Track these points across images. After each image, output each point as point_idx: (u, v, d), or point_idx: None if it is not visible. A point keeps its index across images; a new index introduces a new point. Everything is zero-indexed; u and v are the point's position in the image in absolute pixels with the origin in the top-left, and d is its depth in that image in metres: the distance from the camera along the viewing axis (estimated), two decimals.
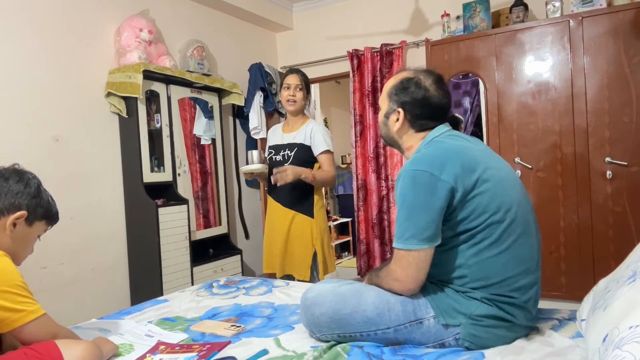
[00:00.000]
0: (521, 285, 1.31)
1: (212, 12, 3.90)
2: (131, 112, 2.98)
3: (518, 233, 1.31)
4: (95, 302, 2.85)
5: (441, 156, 1.32)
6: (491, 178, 1.30)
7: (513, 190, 1.35)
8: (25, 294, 1.24)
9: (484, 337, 1.30)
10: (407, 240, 1.28)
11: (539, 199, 3.15)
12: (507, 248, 1.30)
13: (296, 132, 2.53)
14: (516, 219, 1.31)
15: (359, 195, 4.10)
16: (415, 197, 1.28)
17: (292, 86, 2.49)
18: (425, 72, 1.48)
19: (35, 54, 2.64)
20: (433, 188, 1.26)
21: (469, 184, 1.27)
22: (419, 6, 3.92)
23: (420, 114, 1.45)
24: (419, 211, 1.27)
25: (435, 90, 1.44)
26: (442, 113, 1.46)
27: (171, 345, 1.47)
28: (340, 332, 1.41)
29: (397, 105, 1.47)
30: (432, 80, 1.45)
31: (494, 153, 1.46)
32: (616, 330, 0.93)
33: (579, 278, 3.04)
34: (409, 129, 1.48)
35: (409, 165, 1.33)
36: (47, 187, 1.26)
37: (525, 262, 1.32)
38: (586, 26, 2.99)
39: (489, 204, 1.28)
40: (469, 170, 1.29)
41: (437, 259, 1.32)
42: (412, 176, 1.30)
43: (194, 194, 3.42)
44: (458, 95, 4.08)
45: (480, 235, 1.29)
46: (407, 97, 1.45)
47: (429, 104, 1.44)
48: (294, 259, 2.49)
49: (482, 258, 1.29)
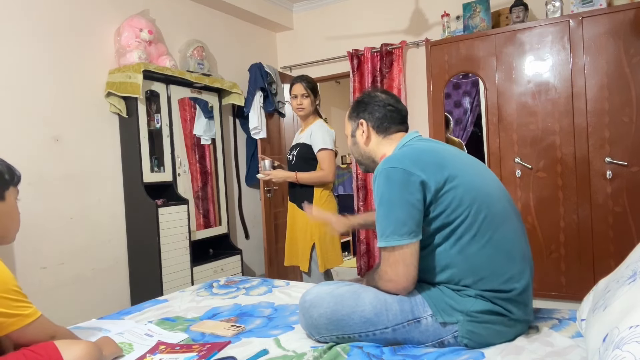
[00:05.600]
0: (510, 276, 1.32)
1: (212, 12, 3.90)
2: (131, 112, 2.98)
3: (497, 224, 1.34)
4: (95, 302, 2.85)
5: (412, 154, 1.38)
6: (462, 173, 1.35)
7: (486, 183, 1.39)
8: (20, 298, 1.22)
9: (483, 334, 1.31)
10: (389, 237, 1.30)
11: (539, 199, 3.15)
12: (489, 240, 1.32)
13: (303, 133, 2.71)
14: (493, 210, 1.34)
15: (359, 195, 4.10)
16: (391, 194, 1.31)
17: (298, 95, 2.67)
18: (373, 89, 1.68)
19: (35, 54, 2.64)
20: (406, 183, 1.30)
21: (441, 179, 1.31)
22: (419, 6, 3.93)
23: (380, 117, 1.55)
24: (397, 207, 1.30)
25: (385, 96, 1.57)
26: (401, 115, 1.57)
27: (171, 345, 1.47)
28: (339, 333, 1.41)
29: (357, 119, 1.59)
30: (380, 91, 1.60)
31: (466, 153, 1.53)
32: (616, 330, 0.93)
33: (579, 278, 3.04)
34: (376, 136, 1.57)
35: (382, 165, 1.38)
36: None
37: (509, 251, 1.34)
38: (586, 26, 2.99)
39: (462, 197, 1.31)
40: (439, 166, 1.34)
41: (424, 263, 1.34)
42: (385, 174, 1.34)
43: (194, 194, 3.42)
44: (458, 95, 4.08)
45: (460, 230, 1.31)
46: (364, 107, 1.58)
47: (385, 106, 1.55)
48: (297, 250, 2.69)
49: (467, 254, 1.31)
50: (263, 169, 2.67)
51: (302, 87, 2.65)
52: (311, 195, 2.61)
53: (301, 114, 2.70)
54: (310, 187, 2.62)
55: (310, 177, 2.59)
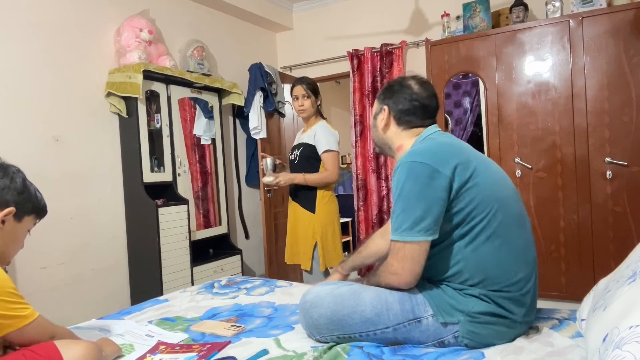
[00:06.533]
0: (518, 278, 1.32)
1: (212, 12, 3.90)
2: (131, 112, 2.98)
3: (513, 226, 1.33)
4: (95, 302, 2.85)
5: (437, 149, 1.35)
6: (485, 172, 1.34)
7: (504, 185, 1.39)
8: (16, 300, 1.21)
9: (483, 334, 1.31)
10: (404, 232, 1.29)
11: (539, 199, 3.15)
12: (504, 242, 1.31)
13: (306, 133, 2.73)
14: (511, 212, 1.34)
15: (359, 195, 4.10)
16: (412, 189, 1.29)
17: (299, 97, 2.69)
18: (414, 76, 1.55)
19: (35, 54, 2.64)
20: (430, 179, 1.28)
21: (465, 176, 1.30)
22: (419, 6, 3.92)
23: (404, 110, 1.49)
24: (416, 202, 1.28)
25: (418, 89, 1.49)
26: (427, 112, 1.50)
27: (171, 345, 1.47)
28: (339, 333, 1.41)
29: (382, 104, 1.54)
30: (416, 81, 1.51)
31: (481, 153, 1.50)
32: (616, 330, 0.93)
33: (579, 278, 3.04)
34: (395, 127, 1.53)
35: (405, 157, 1.35)
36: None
37: (521, 254, 1.34)
38: (586, 26, 2.99)
39: (484, 196, 1.30)
40: (465, 163, 1.31)
41: (436, 257, 1.33)
42: (409, 167, 1.31)
43: (194, 194, 3.42)
44: (458, 95, 4.08)
45: (477, 229, 1.30)
46: (391, 95, 1.52)
47: (412, 100, 1.48)
48: (299, 249, 2.72)
49: (480, 253, 1.30)
50: (265, 167, 2.68)
51: (303, 88, 2.67)
52: (314, 196, 2.64)
53: (303, 115, 2.72)
54: (313, 188, 2.64)
55: (318, 179, 2.61)
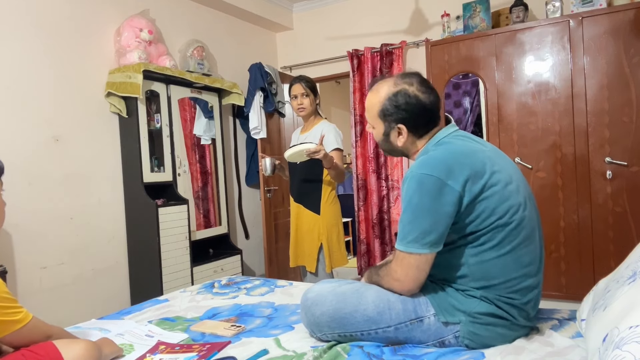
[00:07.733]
0: (522, 287, 1.31)
1: (212, 12, 3.90)
2: (131, 112, 2.98)
3: (522, 237, 1.30)
4: (95, 302, 2.85)
5: (449, 160, 1.29)
6: (498, 182, 1.29)
7: (519, 192, 1.33)
8: (10, 304, 1.20)
9: (484, 335, 1.30)
10: (410, 244, 1.28)
11: (539, 199, 3.14)
12: (510, 251, 1.29)
13: (309, 132, 2.71)
14: (522, 222, 1.30)
15: (359, 195, 4.10)
16: (420, 201, 1.27)
17: (298, 95, 2.66)
18: (405, 77, 1.43)
19: (35, 54, 2.64)
20: (439, 193, 1.25)
21: (477, 189, 1.26)
22: (419, 6, 3.92)
23: (420, 123, 1.42)
24: (423, 216, 1.26)
25: (423, 94, 1.39)
26: (437, 113, 1.44)
27: (171, 345, 1.47)
28: (341, 331, 1.41)
29: (395, 122, 1.42)
30: (417, 85, 1.40)
31: (501, 152, 1.43)
32: (616, 330, 0.93)
33: (579, 278, 3.04)
34: (413, 139, 1.45)
35: (416, 168, 1.31)
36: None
37: (526, 265, 1.32)
38: (586, 26, 2.99)
39: (496, 207, 1.27)
40: (477, 176, 1.27)
41: (440, 258, 1.32)
42: (418, 180, 1.28)
43: (194, 194, 3.42)
44: (458, 95, 4.08)
45: (484, 238, 1.29)
46: (403, 113, 1.40)
47: (424, 109, 1.40)
48: (304, 250, 2.70)
49: (483, 259, 1.29)
50: (264, 167, 2.68)
51: (301, 86, 2.66)
52: (319, 197, 2.63)
53: (302, 114, 2.70)
54: (318, 188, 2.63)
55: (341, 168, 2.57)
